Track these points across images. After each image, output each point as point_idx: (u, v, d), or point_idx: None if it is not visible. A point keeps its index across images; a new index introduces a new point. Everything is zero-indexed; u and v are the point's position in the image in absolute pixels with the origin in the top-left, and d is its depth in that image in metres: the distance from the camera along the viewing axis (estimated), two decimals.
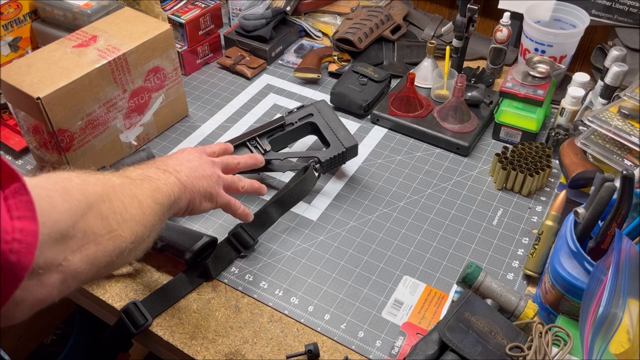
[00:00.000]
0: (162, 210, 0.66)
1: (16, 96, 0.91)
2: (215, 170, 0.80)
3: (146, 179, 0.67)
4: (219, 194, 0.79)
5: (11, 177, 0.43)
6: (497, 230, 0.94)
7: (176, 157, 0.77)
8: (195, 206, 0.76)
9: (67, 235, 0.49)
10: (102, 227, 0.54)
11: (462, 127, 1.09)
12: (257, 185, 0.87)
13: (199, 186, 0.75)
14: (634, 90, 0.91)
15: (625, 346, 0.59)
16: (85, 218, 0.52)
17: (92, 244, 0.52)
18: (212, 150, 0.85)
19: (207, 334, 0.80)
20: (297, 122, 1.02)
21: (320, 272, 0.88)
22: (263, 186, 0.88)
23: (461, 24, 1.11)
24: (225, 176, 0.81)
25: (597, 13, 1.19)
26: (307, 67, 1.26)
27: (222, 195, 0.80)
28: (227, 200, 0.81)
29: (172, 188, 0.69)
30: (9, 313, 0.47)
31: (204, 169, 0.78)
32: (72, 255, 0.50)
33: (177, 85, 1.12)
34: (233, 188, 0.83)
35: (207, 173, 0.78)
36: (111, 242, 0.55)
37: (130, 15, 1.06)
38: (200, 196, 0.76)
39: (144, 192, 0.64)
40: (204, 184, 0.76)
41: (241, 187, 0.84)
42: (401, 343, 0.78)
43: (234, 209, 0.83)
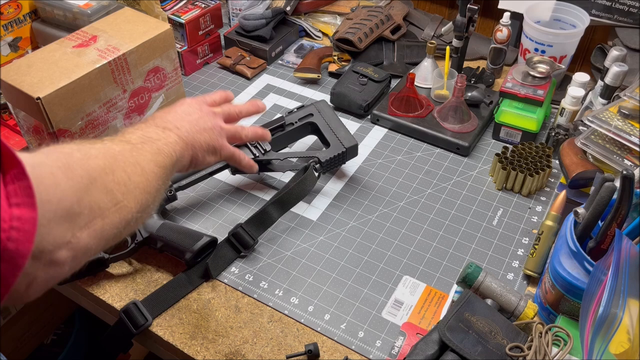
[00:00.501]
0: (165, 173, 0.65)
1: (16, 96, 0.91)
2: (216, 122, 0.78)
3: (147, 141, 0.66)
4: (223, 146, 0.78)
5: (11, 162, 0.42)
6: (497, 230, 0.94)
7: (175, 111, 0.75)
8: (198, 161, 0.75)
9: (74, 213, 0.49)
10: (108, 201, 0.54)
11: (462, 127, 1.09)
12: (261, 131, 0.87)
13: (201, 140, 0.74)
14: (634, 90, 0.91)
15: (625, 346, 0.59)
16: (89, 193, 0.51)
17: (98, 218, 0.52)
18: (212, 100, 0.83)
19: (207, 334, 0.80)
20: (297, 122, 1.02)
21: (320, 272, 0.88)
22: (266, 131, 0.88)
23: (461, 24, 1.11)
24: (227, 126, 0.80)
25: (597, 13, 1.19)
26: (307, 67, 1.26)
27: (225, 147, 0.79)
28: (232, 152, 0.81)
29: (173, 147, 0.68)
30: (23, 292, 0.47)
31: (205, 122, 0.76)
32: (80, 231, 0.50)
33: (177, 85, 1.12)
34: (237, 137, 0.82)
35: (208, 125, 0.76)
36: (117, 214, 0.55)
37: (130, 15, 1.06)
38: (203, 150, 0.75)
39: (146, 156, 0.63)
40: (206, 138, 0.75)
41: (244, 136, 0.83)
42: (401, 343, 0.78)
43: (239, 160, 0.83)
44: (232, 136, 0.81)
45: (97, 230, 0.52)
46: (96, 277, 0.87)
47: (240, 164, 0.83)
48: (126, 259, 0.89)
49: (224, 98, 0.85)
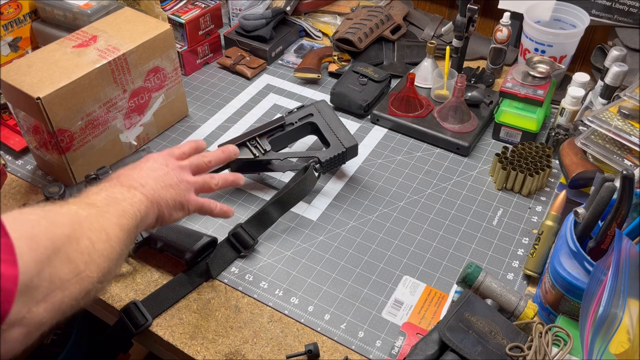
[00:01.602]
0: (129, 237, 0.63)
1: (16, 96, 0.91)
2: (183, 176, 0.75)
3: (112, 202, 0.64)
4: (189, 201, 0.75)
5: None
6: (497, 230, 0.94)
7: (140, 168, 0.73)
8: (164, 218, 0.72)
9: (32, 286, 0.46)
10: (69, 271, 0.51)
11: (462, 127, 1.09)
12: (232, 178, 0.83)
13: (166, 197, 0.71)
14: (634, 90, 0.91)
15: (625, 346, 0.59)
16: (51, 264, 0.49)
17: (58, 290, 0.50)
18: (180, 152, 0.79)
19: (207, 334, 0.80)
20: (297, 122, 1.02)
21: (320, 272, 0.88)
22: (238, 175, 0.84)
23: (461, 24, 1.11)
24: (194, 179, 0.77)
25: (597, 13, 1.19)
26: (307, 67, 1.26)
27: (192, 201, 0.76)
28: (200, 204, 0.77)
29: (138, 207, 0.66)
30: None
31: (170, 178, 0.73)
32: (36, 306, 0.47)
33: (177, 85, 1.12)
34: (206, 188, 0.79)
35: (174, 181, 0.73)
36: (78, 285, 0.52)
37: (130, 15, 1.06)
38: (169, 207, 0.72)
39: (111, 220, 0.61)
40: (172, 194, 0.72)
41: (214, 185, 0.80)
42: (401, 343, 0.78)
43: (209, 210, 0.79)
44: (200, 188, 0.78)
45: (55, 304, 0.49)
46: None
47: (212, 214, 0.79)
48: (126, 259, 0.89)
49: (194, 148, 0.81)
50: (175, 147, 0.81)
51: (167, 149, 0.80)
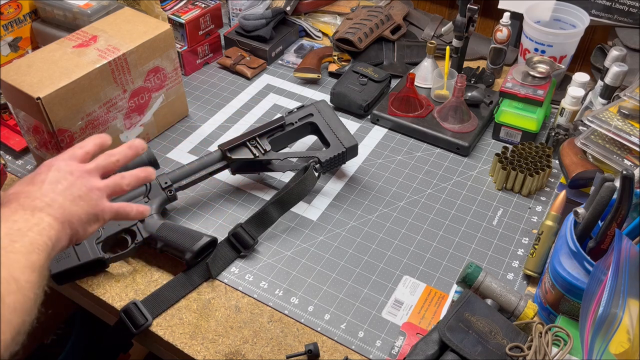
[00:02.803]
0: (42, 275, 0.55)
1: (16, 96, 0.91)
2: (91, 183, 0.66)
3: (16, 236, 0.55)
4: (104, 210, 0.67)
5: None
6: (497, 230, 0.94)
7: (42, 182, 0.62)
8: (79, 236, 0.64)
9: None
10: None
11: (462, 127, 1.09)
12: (143, 174, 0.72)
13: (78, 213, 0.63)
14: (634, 90, 0.91)
15: (625, 346, 0.59)
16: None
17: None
18: (84, 152, 0.69)
19: (207, 334, 0.80)
20: (297, 122, 1.02)
21: (320, 272, 0.88)
22: (149, 170, 0.73)
23: (461, 24, 1.11)
24: (104, 183, 0.68)
25: (597, 13, 1.19)
26: (307, 67, 1.26)
27: (107, 208, 0.67)
28: (115, 210, 0.69)
29: (48, 234, 0.57)
30: None
31: (78, 188, 0.64)
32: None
33: (177, 85, 1.12)
34: (118, 191, 0.70)
35: (82, 192, 0.64)
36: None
37: (130, 15, 1.06)
38: (82, 223, 0.64)
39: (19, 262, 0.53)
40: (83, 207, 0.64)
41: (126, 186, 0.70)
42: (401, 343, 0.78)
43: (126, 214, 0.71)
44: (112, 192, 0.69)
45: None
46: (96, 277, 0.87)
47: (129, 217, 0.72)
48: (126, 259, 0.89)
49: (98, 146, 0.71)
50: (77, 146, 0.70)
51: (68, 150, 0.69)
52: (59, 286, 0.87)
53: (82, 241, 0.67)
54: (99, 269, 0.87)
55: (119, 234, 0.88)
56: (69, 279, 0.86)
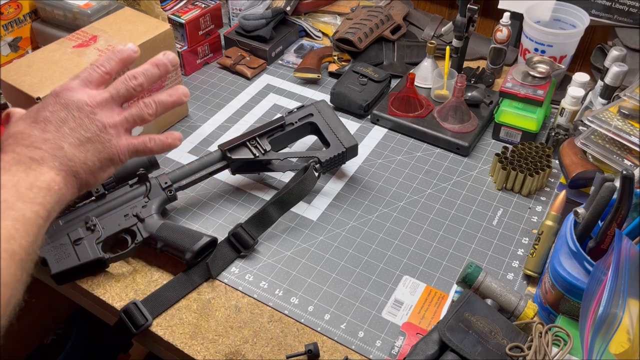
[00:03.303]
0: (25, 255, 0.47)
1: (16, 96, 0.91)
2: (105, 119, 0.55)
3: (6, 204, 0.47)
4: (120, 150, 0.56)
5: None
6: (497, 230, 0.94)
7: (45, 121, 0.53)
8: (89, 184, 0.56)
9: None
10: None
11: (462, 127, 1.09)
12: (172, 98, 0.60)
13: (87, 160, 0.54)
14: (634, 90, 0.91)
15: (625, 346, 0.59)
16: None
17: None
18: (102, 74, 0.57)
19: (207, 334, 0.80)
20: (297, 122, 1.02)
21: (320, 272, 0.88)
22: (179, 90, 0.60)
23: (461, 24, 1.11)
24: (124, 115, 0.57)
25: (597, 13, 1.19)
26: (307, 67, 1.26)
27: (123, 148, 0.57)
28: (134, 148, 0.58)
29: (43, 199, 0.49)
30: None
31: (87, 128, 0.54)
32: None
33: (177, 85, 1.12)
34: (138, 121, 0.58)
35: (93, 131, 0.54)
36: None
37: (130, 15, 1.06)
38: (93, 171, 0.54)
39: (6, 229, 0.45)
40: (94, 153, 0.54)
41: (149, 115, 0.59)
42: (401, 343, 0.78)
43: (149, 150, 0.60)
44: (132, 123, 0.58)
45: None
46: (96, 277, 0.87)
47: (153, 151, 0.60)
48: (126, 259, 0.89)
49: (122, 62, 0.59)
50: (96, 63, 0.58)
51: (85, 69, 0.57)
52: (59, 286, 0.87)
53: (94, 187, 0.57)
54: (99, 269, 0.87)
55: (119, 234, 0.88)
56: (69, 279, 0.86)
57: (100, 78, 0.57)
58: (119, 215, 0.88)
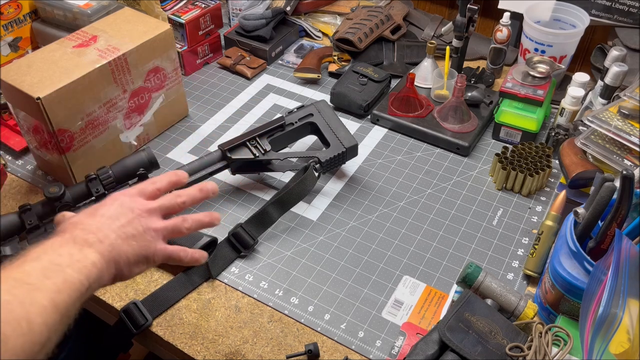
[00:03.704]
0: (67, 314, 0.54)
1: (16, 96, 0.91)
2: (150, 224, 0.64)
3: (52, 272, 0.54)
4: (156, 252, 0.65)
5: None
6: (497, 230, 0.94)
7: (102, 216, 0.62)
8: (123, 276, 0.63)
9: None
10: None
11: (462, 127, 1.09)
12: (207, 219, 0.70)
13: (128, 252, 0.61)
14: (634, 90, 0.91)
15: (625, 346, 0.59)
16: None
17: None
18: (154, 189, 0.68)
19: (207, 334, 0.80)
20: (297, 122, 1.02)
21: (320, 272, 0.88)
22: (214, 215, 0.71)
23: (461, 24, 1.11)
24: (164, 224, 0.66)
25: (597, 13, 1.19)
26: (307, 67, 1.26)
27: (160, 251, 0.65)
28: (168, 254, 0.67)
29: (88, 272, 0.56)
30: None
31: (135, 227, 0.63)
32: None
33: (177, 85, 1.12)
34: (176, 233, 0.68)
35: (138, 231, 0.63)
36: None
37: (130, 15, 1.06)
38: (130, 264, 0.62)
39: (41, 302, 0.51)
40: (135, 248, 0.62)
41: (186, 230, 0.68)
42: (401, 343, 0.78)
43: (179, 260, 0.69)
44: (170, 234, 0.67)
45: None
46: None
47: (182, 262, 0.69)
48: None
49: (173, 184, 0.70)
50: (150, 180, 0.69)
51: (140, 184, 0.69)
52: None
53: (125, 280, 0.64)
54: None
55: None
56: None
57: (152, 193, 0.68)
58: None
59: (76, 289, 0.55)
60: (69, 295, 0.54)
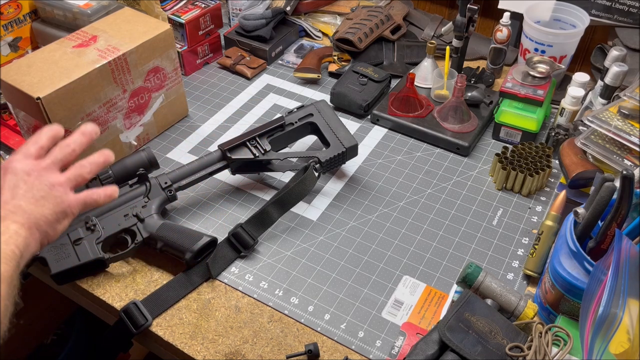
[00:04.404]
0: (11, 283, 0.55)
1: (16, 96, 0.91)
2: (52, 179, 0.64)
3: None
4: (70, 204, 0.65)
5: None
6: (497, 230, 0.94)
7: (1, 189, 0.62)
8: (50, 237, 0.64)
9: None
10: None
11: (462, 127, 1.09)
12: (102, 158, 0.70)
13: (44, 214, 0.62)
14: (634, 90, 0.91)
15: (625, 346, 0.59)
16: None
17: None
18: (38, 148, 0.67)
19: (207, 334, 0.80)
20: (297, 122, 1.02)
21: (320, 272, 0.88)
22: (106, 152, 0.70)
23: (461, 24, 1.11)
24: (66, 176, 0.66)
25: (597, 13, 1.19)
26: (307, 67, 1.26)
27: (73, 202, 0.66)
28: (82, 201, 0.67)
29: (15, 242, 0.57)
30: None
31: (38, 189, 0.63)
32: None
33: (177, 85, 1.12)
34: (80, 181, 0.68)
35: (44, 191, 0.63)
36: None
37: (130, 15, 1.06)
38: (51, 223, 0.63)
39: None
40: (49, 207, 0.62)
41: (88, 174, 0.68)
42: (401, 343, 0.78)
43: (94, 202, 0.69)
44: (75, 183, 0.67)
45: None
46: (96, 277, 0.87)
47: (98, 203, 0.70)
48: (126, 259, 0.89)
49: (52, 138, 0.68)
50: (29, 141, 0.67)
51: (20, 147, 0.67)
52: (59, 286, 0.87)
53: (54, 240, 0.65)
54: (99, 269, 0.87)
55: (119, 234, 0.88)
56: (69, 279, 0.86)
57: (37, 152, 0.66)
58: (119, 215, 0.88)
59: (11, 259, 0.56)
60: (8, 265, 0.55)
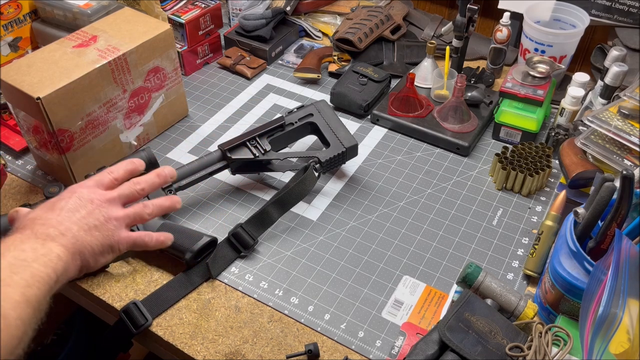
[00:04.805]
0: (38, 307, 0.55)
1: (16, 96, 0.91)
2: (110, 213, 0.66)
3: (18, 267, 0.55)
4: (120, 241, 0.67)
5: None
6: (497, 230, 0.94)
7: (60, 209, 0.63)
8: (89, 266, 0.65)
9: None
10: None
11: (462, 127, 1.09)
12: (168, 203, 0.72)
13: (91, 243, 0.63)
14: (634, 90, 0.91)
15: (625, 346, 0.59)
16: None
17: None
18: (112, 179, 0.69)
19: (207, 334, 0.80)
20: (297, 122, 1.02)
21: (320, 272, 0.88)
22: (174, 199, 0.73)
23: (461, 24, 1.11)
24: (125, 212, 0.68)
25: (597, 13, 1.19)
26: (307, 67, 1.26)
27: (123, 239, 0.67)
28: (132, 241, 0.69)
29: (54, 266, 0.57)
30: None
31: (95, 218, 0.64)
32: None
33: (177, 85, 1.12)
34: (138, 220, 0.70)
35: (99, 221, 0.64)
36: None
37: (130, 15, 1.06)
38: (95, 254, 0.64)
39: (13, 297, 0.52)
40: (98, 238, 0.64)
41: (148, 215, 0.70)
42: (401, 343, 0.78)
43: (145, 245, 0.71)
44: (132, 221, 0.69)
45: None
46: (96, 277, 0.87)
47: (147, 247, 0.71)
48: (126, 259, 0.89)
49: (129, 172, 0.71)
50: (106, 171, 0.69)
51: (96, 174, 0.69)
52: None
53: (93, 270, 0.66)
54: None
55: None
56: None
57: (110, 183, 0.68)
58: None
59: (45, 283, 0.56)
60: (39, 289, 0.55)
